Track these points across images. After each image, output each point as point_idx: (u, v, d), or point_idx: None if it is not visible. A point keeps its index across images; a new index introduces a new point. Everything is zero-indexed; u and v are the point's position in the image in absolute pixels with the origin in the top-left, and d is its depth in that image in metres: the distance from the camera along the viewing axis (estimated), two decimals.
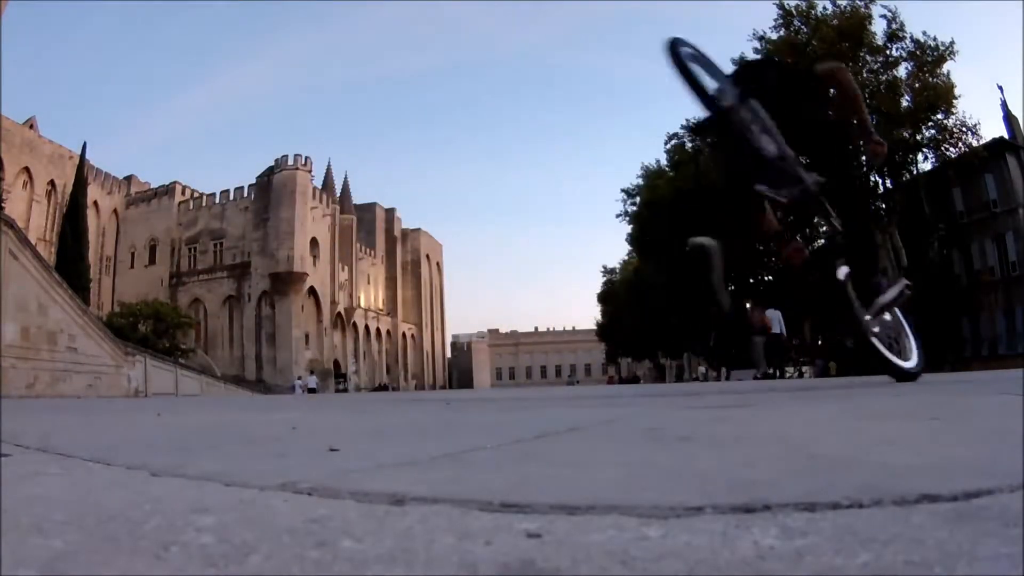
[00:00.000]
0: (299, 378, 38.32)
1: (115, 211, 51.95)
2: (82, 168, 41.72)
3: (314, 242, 50.85)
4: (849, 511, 0.59)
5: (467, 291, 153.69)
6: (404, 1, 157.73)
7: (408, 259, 68.65)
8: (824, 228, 3.88)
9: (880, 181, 25.99)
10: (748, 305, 13.25)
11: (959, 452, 1.00)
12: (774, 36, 25.66)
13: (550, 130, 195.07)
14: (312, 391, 31.39)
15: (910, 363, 3.71)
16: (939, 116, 23.96)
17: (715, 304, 3.70)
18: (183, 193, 53.68)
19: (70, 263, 33.15)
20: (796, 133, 3.33)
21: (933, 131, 24.44)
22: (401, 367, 64.54)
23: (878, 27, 24.03)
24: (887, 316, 3.68)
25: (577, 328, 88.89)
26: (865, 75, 24.41)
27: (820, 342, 34.06)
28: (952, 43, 23.51)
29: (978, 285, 28.13)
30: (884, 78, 24.37)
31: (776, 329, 13.11)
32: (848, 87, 3.60)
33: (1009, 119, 27.24)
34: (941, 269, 28.32)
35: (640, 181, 35.01)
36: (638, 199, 34.78)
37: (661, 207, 31.37)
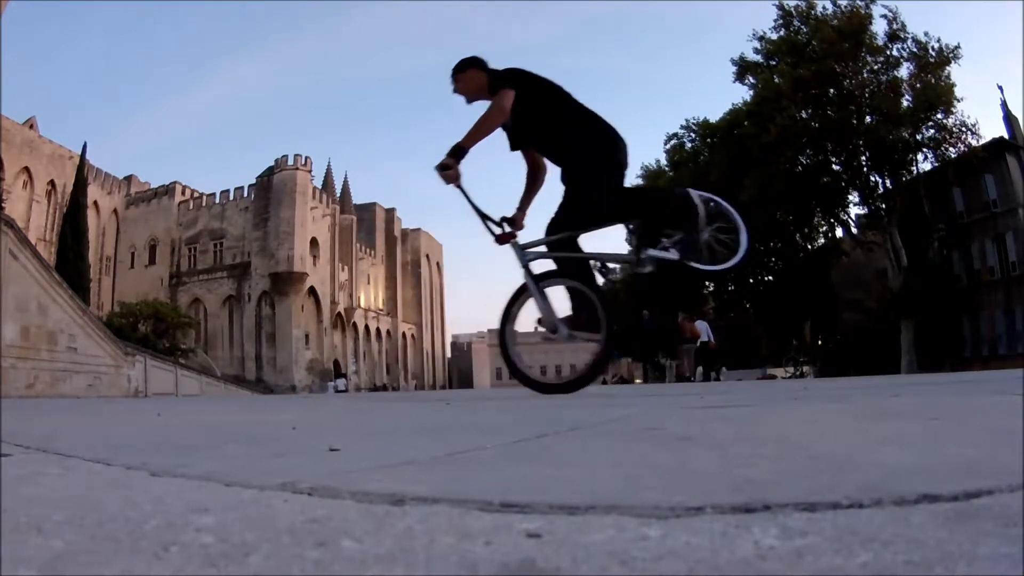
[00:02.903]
0: (330, 380, 43.64)
1: (115, 211, 51.91)
2: (82, 168, 41.68)
3: (314, 242, 50.83)
4: (849, 511, 0.59)
5: (467, 291, 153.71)
6: (404, 1, 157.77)
7: (408, 259, 68.60)
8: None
9: (880, 181, 26.00)
10: (680, 317, 14.67)
11: (959, 452, 1.00)
12: (774, 36, 25.67)
13: None
14: (343, 391, 35.39)
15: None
16: (939, 116, 23.95)
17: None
18: (183, 193, 53.65)
19: (70, 263, 33.13)
20: None
21: (933, 131, 24.42)
22: (401, 367, 64.50)
23: (879, 27, 24.05)
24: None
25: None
26: (865, 75, 24.41)
27: (820, 342, 34.10)
28: (957, 47, 23.50)
29: (978, 285, 28.11)
30: (884, 78, 24.35)
31: (704, 338, 14.74)
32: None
33: (1009, 119, 27.23)
34: (941, 269, 28.30)
35: (640, 181, 35.00)
36: None
37: None
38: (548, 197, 3.81)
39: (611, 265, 3.66)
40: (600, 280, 3.58)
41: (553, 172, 3.73)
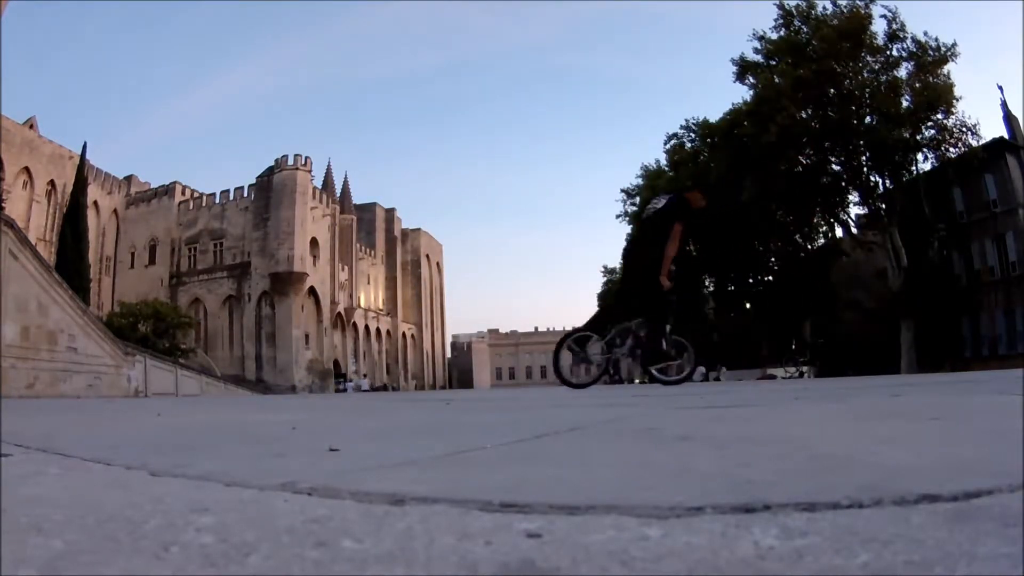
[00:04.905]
0: (350, 380, 46.36)
1: (115, 211, 51.88)
2: (82, 168, 41.65)
3: (314, 242, 50.81)
4: (849, 511, 0.59)
5: (467, 291, 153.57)
6: (404, 1, 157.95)
7: (408, 259, 68.59)
8: None
9: (880, 181, 25.99)
10: (633, 325, 15.43)
11: (959, 452, 1.00)
12: (774, 36, 25.66)
13: (550, 130, 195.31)
14: (365, 391, 38.27)
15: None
16: (939, 116, 23.94)
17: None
18: (183, 193, 53.62)
19: (70, 263, 33.09)
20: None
21: (933, 131, 24.42)
22: (401, 367, 64.49)
23: (878, 27, 24.03)
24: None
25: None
26: (865, 75, 24.40)
27: (820, 342, 34.10)
28: (954, 45, 23.51)
29: (978, 285, 28.10)
30: (884, 78, 24.35)
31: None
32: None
33: (1009, 119, 27.21)
34: (941, 269, 28.29)
35: (640, 181, 35.00)
36: (638, 199, 34.74)
37: None
38: None
39: None
40: None
41: None
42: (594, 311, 6.08)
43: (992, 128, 61.87)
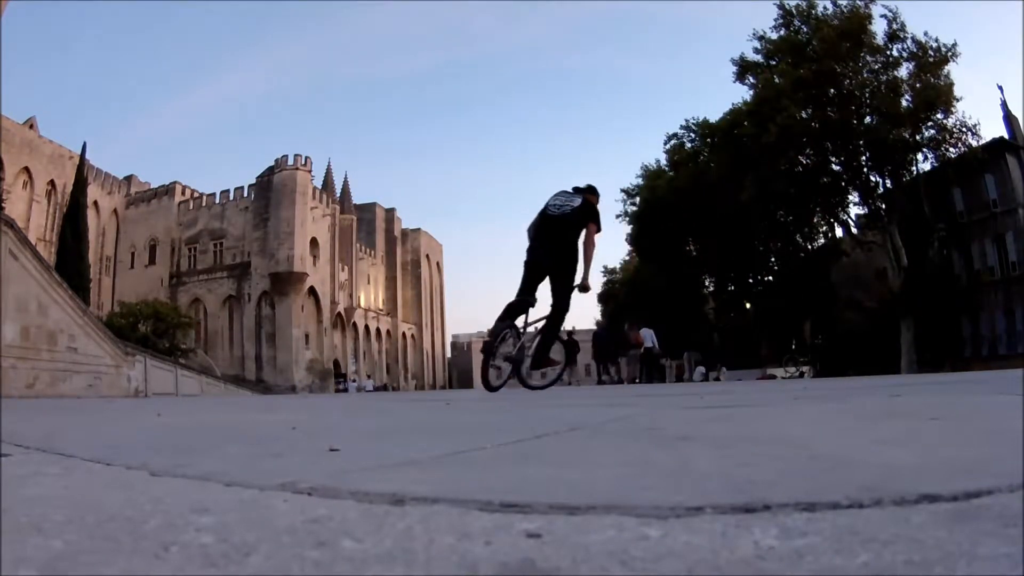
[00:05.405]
0: (352, 380, 45.69)
1: (115, 211, 51.86)
2: (82, 168, 41.62)
3: (314, 242, 50.79)
4: (849, 511, 0.59)
5: (467, 291, 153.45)
6: (404, 1, 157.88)
7: (408, 259, 68.56)
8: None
9: (880, 181, 25.99)
10: (626, 325, 15.44)
11: (959, 452, 1.00)
12: (774, 36, 25.66)
13: (550, 130, 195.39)
14: (368, 391, 37.73)
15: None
16: (939, 116, 23.93)
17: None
18: (183, 193, 53.60)
19: (70, 263, 33.08)
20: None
21: (933, 131, 24.40)
22: (401, 367, 64.47)
23: (879, 27, 24.01)
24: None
25: (577, 328, 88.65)
26: (865, 75, 24.39)
27: (819, 342, 34.09)
28: (954, 45, 23.51)
29: (978, 285, 28.08)
30: (884, 78, 24.33)
31: (648, 344, 15.48)
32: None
33: (1009, 119, 27.19)
34: (941, 269, 28.27)
35: (640, 181, 34.99)
36: (638, 199, 34.73)
37: (661, 207, 31.37)
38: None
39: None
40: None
41: None
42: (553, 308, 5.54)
43: (992, 128, 61.85)
